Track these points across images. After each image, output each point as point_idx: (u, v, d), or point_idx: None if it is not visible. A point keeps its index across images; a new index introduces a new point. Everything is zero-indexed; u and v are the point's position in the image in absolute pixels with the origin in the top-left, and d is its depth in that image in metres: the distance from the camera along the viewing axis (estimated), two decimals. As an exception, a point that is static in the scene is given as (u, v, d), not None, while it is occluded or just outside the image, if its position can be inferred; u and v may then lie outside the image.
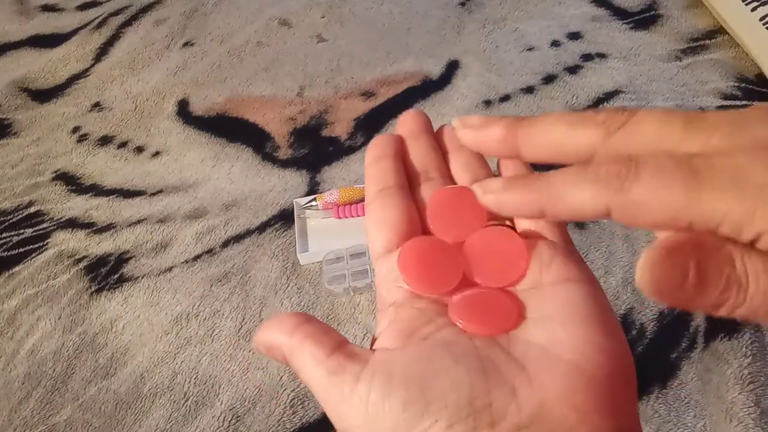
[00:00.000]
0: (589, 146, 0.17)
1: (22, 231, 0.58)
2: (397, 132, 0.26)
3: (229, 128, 0.64)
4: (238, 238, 0.55)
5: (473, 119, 0.20)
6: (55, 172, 0.64)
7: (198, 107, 0.67)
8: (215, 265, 0.53)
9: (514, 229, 0.22)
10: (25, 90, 0.74)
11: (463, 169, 0.24)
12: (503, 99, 0.64)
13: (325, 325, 0.20)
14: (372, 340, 0.21)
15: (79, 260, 0.55)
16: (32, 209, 0.60)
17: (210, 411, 0.45)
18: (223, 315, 0.50)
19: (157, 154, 0.63)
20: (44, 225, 0.58)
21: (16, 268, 0.55)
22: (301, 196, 0.56)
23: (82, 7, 0.85)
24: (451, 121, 0.21)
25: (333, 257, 0.50)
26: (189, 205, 0.58)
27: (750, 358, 0.43)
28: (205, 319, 0.50)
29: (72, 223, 0.58)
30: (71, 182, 0.62)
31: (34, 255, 0.56)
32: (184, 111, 0.67)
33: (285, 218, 0.55)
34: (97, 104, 0.70)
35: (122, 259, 0.55)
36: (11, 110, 0.71)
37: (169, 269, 0.53)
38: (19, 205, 0.61)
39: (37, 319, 0.51)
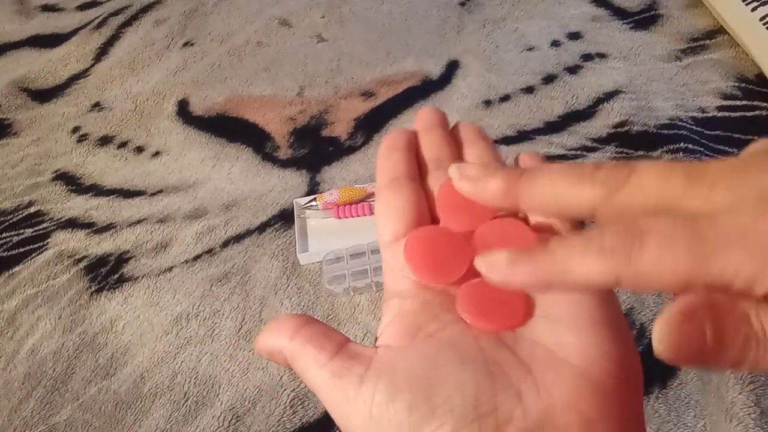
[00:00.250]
0: (591, 205, 0.17)
1: (22, 231, 0.58)
2: (414, 125, 0.26)
3: (229, 128, 0.64)
4: (238, 238, 0.55)
5: (471, 169, 0.19)
6: (55, 172, 0.64)
7: (198, 107, 0.67)
8: (215, 265, 0.53)
9: (525, 221, 0.22)
10: (25, 90, 0.74)
11: (476, 160, 0.24)
12: (503, 99, 0.64)
13: (326, 326, 0.20)
14: (375, 337, 0.20)
15: (79, 260, 0.55)
16: (32, 209, 0.60)
17: (210, 411, 0.45)
18: (223, 315, 0.50)
19: (157, 154, 0.63)
20: (44, 225, 0.58)
21: (16, 268, 0.55)
22: (301, 196, 0.56)
23: (82, 7, 0.85)
24: (449, 169, 0.20)
25: (333, 257, 0.50)
26: (189, 205, 0.58)
27: (750, 358, 0.43)
28: (205, 319, 0.50)
29: (72, 223, 0.58)
30: (71, 182, 0.62)
31: (34, 255, 0.56)
32: (184, 111, 0.67)
33: (285, 218, 0.55)
34: (97, 104, 0.70)
35: (122, 259, 0.55)
36: (11, 110, 0.71)
37: (169, 269, 0.53)
38: (19, 205, 0.61)
39: (37, 319, 0.51)
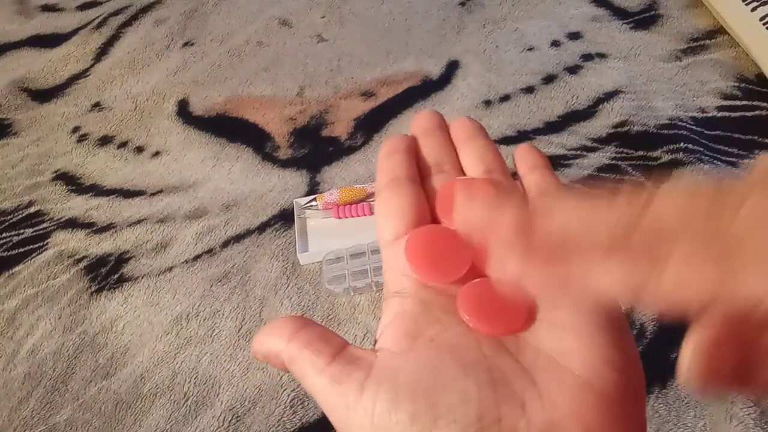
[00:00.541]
0: (613, 230, 0.15)
1: (22, 231, 0.58)
2: (412, 130, 0.26)
3: (229, 128, 0.64)
4: (238, 238, 0.55)
5: (478, 209, 0.18)
6: (55, 172, 0.64)
7: (198, 107, 0.67)
8: (215, 265, 0.53)
9: None
10: (25, 90, 0.74)
11: (476, 160, 0.24)
12: (503, 99, 0.64)
13: (324, 329, 0.20)
14: (375, 339, 0.20)
15: (79, 260, 0.55)
16: (32, 209, 0.60)
17: (210, 411, 0.45)
18: (223, 315, 0.50)
19: (157, 154, 0.63)
20: (44, 225, 0.58)
21: (16, 268, 0.55)
22: (301, 196, 0.56)
23: (82, 7, 0.85)
24: (454, 206, 0.18)
25: (333, 257, 0.50)
26: (189, 205, 0.58)
27: (750, 358, 0.43)
28: (205, 319, 0.50)
29: (72, 223, 0.58)
30: (71, 182, 0.62)
31: (34, 255, 0.56)
32: (184, 111, 0.67)
33: (285, 218, 0.55)
34: (97, 104, 0.70)
35: (122, 259, 0.55)
36: (11, 110, 0.71)
37: (169, 269, 0.53)
38: (19, 205, 0.61)
39: (37, 319, 0.51)
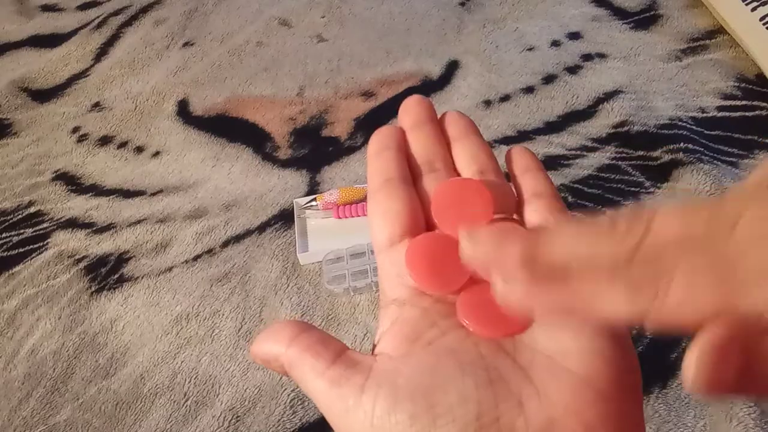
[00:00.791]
0: (616, 257, 0.16)
1: (22, 231, 0.58)
2: (400, 119, 0.25)
3: (229, 128, 0.64)
4: (238, 238, 0.55)
5: (484, 236, 0.17)
6: (55, 172, 0.64)
7: (198, 107, 0.67)
8: (215, 265, 0.53)
9: (522, 225, 0.22)
10: (25, 90, 0.74)
11: (469, 160, 0.24)
12: (503, 99, 0.64)
13: (324, 333, 0.20)
14: (374, 344, 0.20)
15: (79, 260, 0.55)
16: (32, 209, 0.60)
17: (210, 411, 0.45)
18: (223, 315, 0.50)
19: (157, 154, 0.63)
20: (44, 225, 0.58)
21: (16, 268, 0.55)
22: (301, 196, 0.56)
23: (82, 7, 0.85)
24: (460, 236, 0.18)
25: (333, 257, 0.50)
26: (189, 205, 0.58)
27: (750, 358, 0.43)
28: (205, 319, 0.50)
29: (72, 223, 0.58)
30: (71, 182, 0.62)
31: (34, 255, 0.56)
32: (184, 111, 0.67)
33: (285, 218, 0.55)
34: (97, 104, 0.70)
35: (122, 259, 0.55)
36: (11, 110, 0.71)
37: (169, 269, 0.53)
38: (19, 205, 0.61)
39: (37, 319, 0.51)
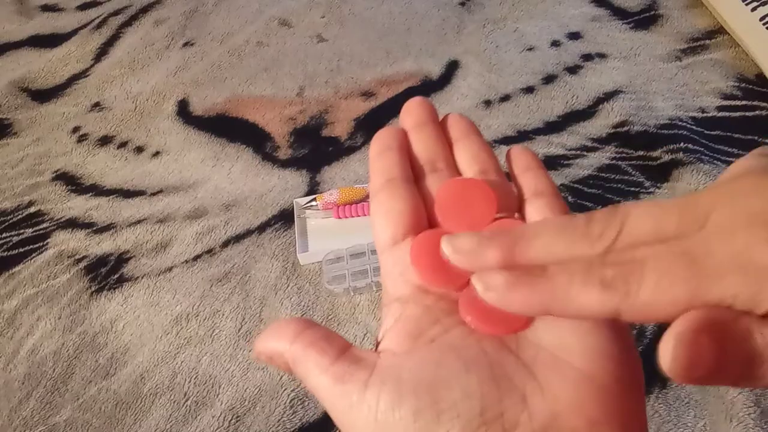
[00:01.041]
0: (591, 255, 0.16)
1: (22, 231, 0.58)
2: (402, 120, 0.25)
3: (229, 128, 0.64)
4: (238, 238, 0.55)
5: (463, 242, 0.18)
6: (55, 172, 0.64)
7: (198, 107, 0.67)
8: (215, 265, 0.53)
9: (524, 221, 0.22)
10: (25, 90, 0.74)
11: (471, 160, 0.24)
12: (503, 99, 0.64)
13: (328, 330, 0.20)
14: (376, 341, 0.20)
15: (79, 260, 0.55)
16: (32, 209, 0.60)
17: (210, 411, 0.45)
18: (223, 315, 0.50)
19: (157, 154, 0.63)
20: (44, 225, 0.58)
21: (16, 268, 0.55)
22: (301, 196, 0.56)
23: (82, 7, 0.85)
24: (441, 243, 0.18)
25: (333, 257, 0.50)
26: (189, 205, 0.58)
27: (750, 358, 0.43)
28: (205, 319, 0.50)
29: (72, 223, 0.58)
30: (71, 182, 0.62)
31: (34, 255, 0.56)
32: (184, 111, 0.67)
33: (285, 218, 0.55)
34: (97, 104, 0.70)
35: (122, 259, 0.55)
36: (11, 110, 0.71)
37: (169, 269, 0.53)
38: (19, 205, 0.61)
39: (37, 319, 0.51)
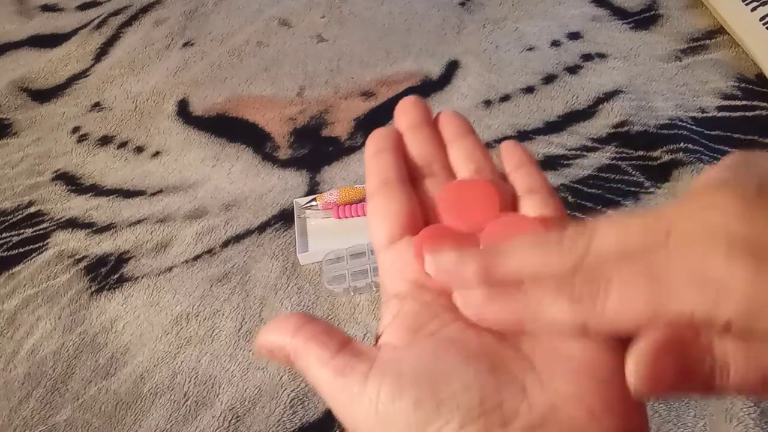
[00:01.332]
0: (562, 271, 0.18)
1: (22, 231, 0.58)
2: (396, 120, 0.26)
3: (229, 128, 0.64)
4: (238, 238, 0.55)
5: (446, 259, 0.19)
6: (55, 172, 0.64)
7: (198, 107, 0.67)
8: (215, 265, 0.53)
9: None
10: (25, 90, 0.74)
11: (466, 160, 0.24)
12: (503, 99, 0.64)
13: (328, 324, 0.20)
14: (376, 336, 0.20)
15: (79, 260, 0.55)
16: (32, 209, 0.60)
17: (210, 411, 0.45)
18: (223, 315, 0.50)
19: (157, 154, 0.63)
20: (44, 225, 0.58)
21: (16, 268, 0.55)
22: (301, 196, 0.56)
23: (82, 7, 0.85)
24: (426, 262, 0.20)
25: (333, 257, 0.50)
26: (189, 205, 0.58)
27: (750, 358, 0.43)
28: (205, 319, 0.50)
29: (72, 223, 0.58)
30: (71, 182, 0.62)
31: (34, 255, 0.56)
32: (184, 111, 0.67)
33: (285, 218, 0.55)
34: (97, 104, 0.70)
35: (122, 259, 0.55)
36: (11, 110, 0.71)
37: (169, 269, 0.53)
38: (19, 205, 0.61)
39: (37, 319, 0.51)
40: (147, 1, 0.84)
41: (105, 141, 0.66)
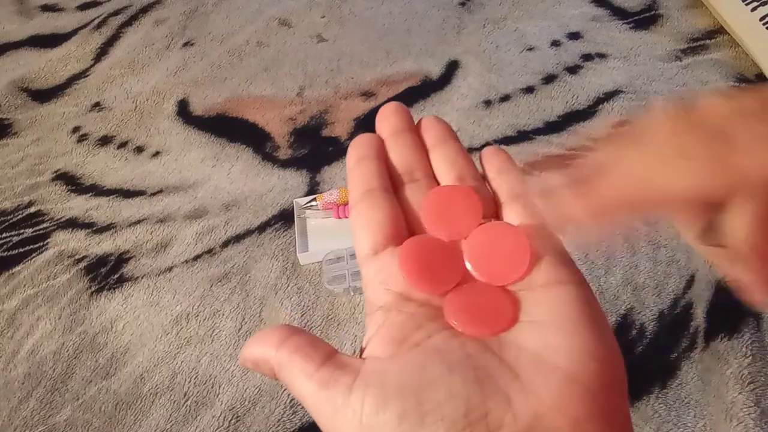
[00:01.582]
0: (674, 139, 0.19)
1: (22, 231, 0.58)
2: (378, 127, 0.25)
3: (229, 128, 0.64)
4: (238, 238, 0.55)
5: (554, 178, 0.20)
6: (55, 172, 0.64)
7: (198, 107, 0.67)
8: (215, 265, 0.53)
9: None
10: (25, 90, 0.74)
11: (448, 166, 0.24)
12: (503, 99, 0.64)
13: (313, 336, 0.20)
14: (361, 348, 0.20)
15: (79, 260, 0.55)
16: (32, 209, 0.60)
17: (210, 411, 0.45)
18: (223, 315, 0.50)
19: (157, 154, 0.63)
20: (44, 225, 0.58)
21: (16, 268, 0.55)
22: (301, 196, 0.56)
23: (82, 7, 0.85)
24: (535, 195, 0.21)
25: (333, 257, 0.50)
26: (189, 205, 0.58)
27: (750, 358, 0.43)
28: (205, 319, 0.50)
29: (72, 223, 0.58)
30: (71, 182, 0.62)
31: (34, 255, 0.56)
32: (184, 111, 0.67)
33: (285, 218, 0.55)
34: (97, 104, 0.70)
35: (122, 259, 0.55)
36: (11, 110, 0.71)
37: (169, 269, 0.53)
38: (19, 205, 0.61)
39: (37, 319, 0.51)
40: (147, 1, 0.84)
41: (105, 141, 0.66)
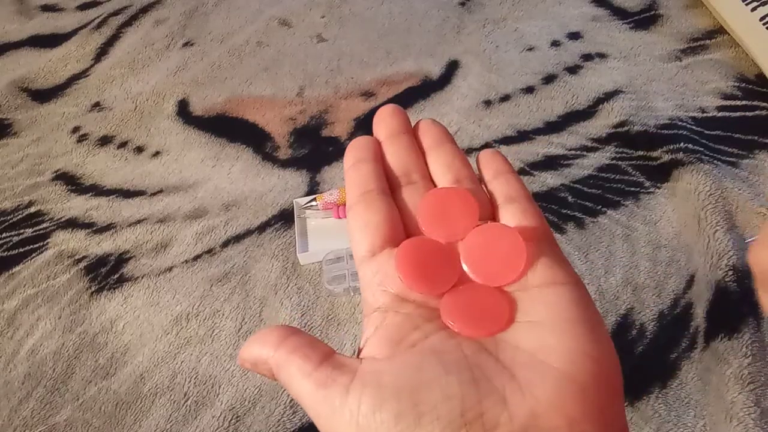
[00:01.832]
0: None
1: (22, 231, 0.58)
2: (375, 129, 0.25)
3: (229, 128, 0.64)
4: (238, 238, 0.55)
5: None
6: (55, 172, 0.64)
7: (198, 107, 0.67)
8: (215, 265, 0.53)
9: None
10: (25, 90, 0.74)
11: (445, 168, 0.24)
12: (503, 99, 0.64)
13: (312, 337, 0.20)
14: (358, 349, 0.20)
15: (79, 260, 0.55)
16: (32, 209, 0.60)
17: (210, 411, 0.45)
18: (223, 315, 0.50)
19: (157, 154, 0.63)
20: (44, 225, 0.58)
21: (16, 268, 0.55)
22: (301, 196, 0.56)
23: (82, 7, 0.85)
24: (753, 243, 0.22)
25: (333, 257, 0.50)
26: (189, 205, 0.58)
27: (750, 358, 0.43)
28: (205, 319, 0.50)
29: (72, 223, 0.58)
30: (71, 182, 0.62)
31: (34, 255, 0.56)
32: (184, 111, 0.67)
33: (285, 218, 0.55)
34: (97, 104, 0.70)
35: (122, 259, 0.55)
36: (11, 110, 0.71)
37: (169, 269, 0.53)
38: (19, 205, 0.61)
39: (37, 319, 0.51)
40: (147, 1, 0.84)
41: (105, 141, 0.66)
